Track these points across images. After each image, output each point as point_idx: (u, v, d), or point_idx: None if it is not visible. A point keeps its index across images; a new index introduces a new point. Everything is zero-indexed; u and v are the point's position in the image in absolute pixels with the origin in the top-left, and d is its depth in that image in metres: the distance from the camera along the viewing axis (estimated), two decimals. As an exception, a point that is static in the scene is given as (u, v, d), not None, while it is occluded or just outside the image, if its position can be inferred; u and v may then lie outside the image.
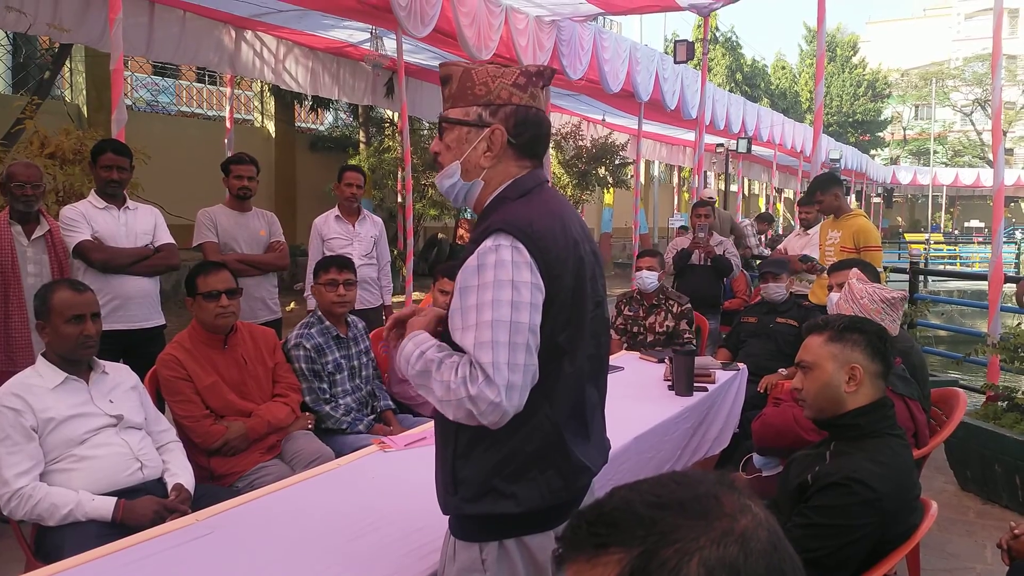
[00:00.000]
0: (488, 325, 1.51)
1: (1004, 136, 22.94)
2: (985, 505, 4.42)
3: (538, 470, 1.61)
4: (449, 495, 1.66)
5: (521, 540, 1.63)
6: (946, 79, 41.65)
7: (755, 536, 0.72)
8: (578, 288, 1.64)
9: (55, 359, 2.70)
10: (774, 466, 2.95)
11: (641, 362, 4.60)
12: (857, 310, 3.10)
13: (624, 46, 9.41)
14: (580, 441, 1.68)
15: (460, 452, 1.63)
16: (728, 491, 0.76)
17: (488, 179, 1.70)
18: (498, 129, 1.65)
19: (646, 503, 0.73)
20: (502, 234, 1.56)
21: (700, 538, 0.70)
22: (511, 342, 1.50)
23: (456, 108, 1.69)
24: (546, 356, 1.59)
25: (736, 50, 33.52)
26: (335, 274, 3.66)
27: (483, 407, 1.48)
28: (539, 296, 1.55)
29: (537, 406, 1.59)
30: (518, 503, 1.59)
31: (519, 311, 1.52)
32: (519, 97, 1.66)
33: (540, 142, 1.72)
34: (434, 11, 6.52)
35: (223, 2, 7.20)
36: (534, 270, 1.55)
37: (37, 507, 2.43)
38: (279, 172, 13.91)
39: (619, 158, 14.57)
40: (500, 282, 1.52)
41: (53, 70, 8.19)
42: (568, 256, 1.62)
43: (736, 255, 6.77)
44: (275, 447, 3.23)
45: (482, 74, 1.67)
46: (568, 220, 1.68)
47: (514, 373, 1.50)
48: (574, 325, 1.64)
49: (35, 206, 3.89)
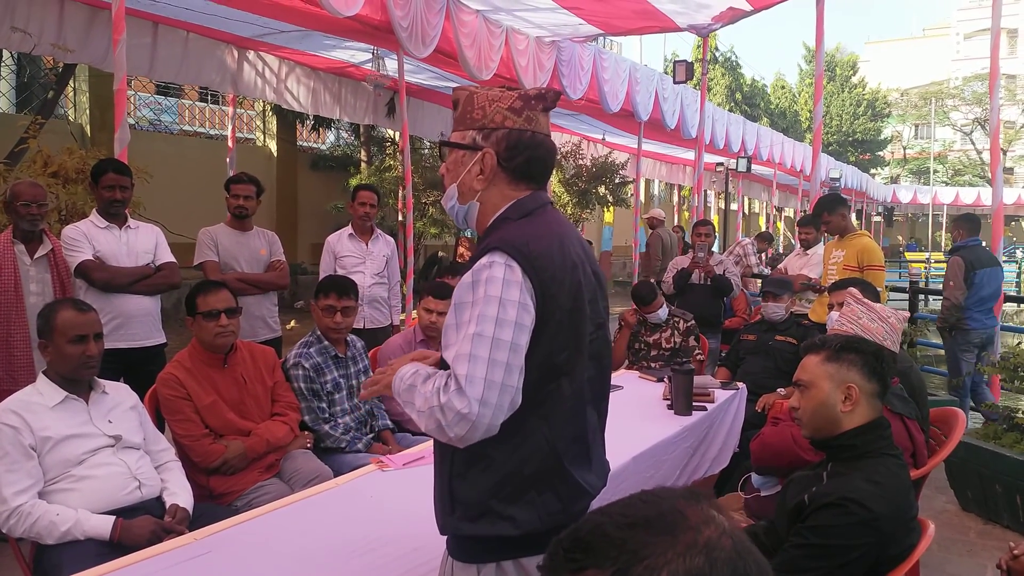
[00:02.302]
0: (469, 339, 1.51)
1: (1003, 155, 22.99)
2: (986, 525, 4.40)
3: (536, 492, 1.60)
4: (447, 515, 1.65)
5: (519, 562, 1.62)
6: (945, 98, 41.83)
7: (719, 545, 0.75)
8: (576, 309, 1.64)
9: (56, 378, 2.70)
10: (772, 485, 2.95)
11: (640, 381, 4.60)
12: (857, 329, 3.10)
13: (624, 66, 9.47)
14: (580, 465, 1.67)
15: (457, 471, 1.63)
16: (692, 504, 0.79)
17: (483, 201, 1.72)
18: (488, 153, 1.67)
19: (616, 524, 0.77)
20: (497, 252, 1.57)
21: (667, 552, 0.74)
22: (490, 358, 1.49)
23: (456, 132, 1.72)
24: (544, 377, 1.60)
25: (736, 70, 33.68)
26: (334, 300, 3.65)
27: (450, 417, 1.47)
28: (526, 316, 1.54)
29: (535, 427, 1.59)
30: (516, 525, 1.58)
31: (503, 328, 1.51)
32: (512, 121, 1.67)
33: (535, 164, 1.71)
34: (435, 32, 6.57)
35: (225, 22, 7.25)
36: (524, 290, 1.55)
37: (36, 525, 2.44)
38: (281, 191, 13.96)
39: (619, 177, 14.59)
40: (489, 298, 1.53)
41: (57, 90, 8.24)
42: (565, 277, 1.62)
43: (736, 274, 6.79)
44: (274, 466, 3.23)
45: (482, 98, 1.69)
46: (568, 242, 1.68)
47: (489, 390, 1.48)
48: (573, 346, 1.64)
49: (39, 225, 3.93)
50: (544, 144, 1.73)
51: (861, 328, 3.10)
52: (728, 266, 6.72)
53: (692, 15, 7.95)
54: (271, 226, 7.06)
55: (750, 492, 3.07)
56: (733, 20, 8.20)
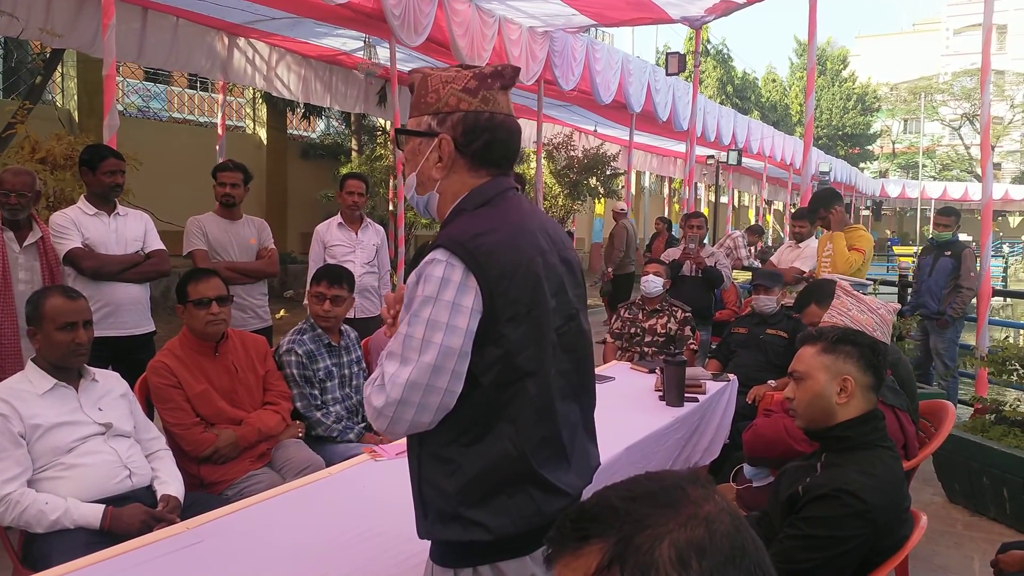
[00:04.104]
0: (400, 338, 1.49)
1: (992, 151, 23.19)
2: (973, 517, 4.44)
3: (507, 496, 1.53)
4: (421, 519, 1.60)
5: (496, 566, 1.55)
6: (935, 93, 42.07)
7: (719, 519, 0.79)
8: (537, 304, 1.54)
9: (45, 365, 2.68)
10: (764, 477, 2.96)
11: (632, 372, 4.61)
12: (847, 321, 3.11)
13: (616, 58, 9.47)
14: (554, 466, 1.58)
15: (425, 476, 1.57)
16: (693, 484, 0.84)
17: (443, 190, 1.63)
18: (444, 138, 1.58)
19: (620, 497, 0.82)
20: (439, 249, 1.50)
21: (669, 523, 0.78)
22: (418, 360, 1.46)
23: (412, 118, 1.64)
24: (505, 377, 1.52)
25: (727, 63, 33.74)
26: (324, 288, 3.63)
27: (369, 411, 1.52)
28: (460, 318, 1.47)
29: (501, 431, 1.52)
30: (488, 531, 1.52)
31: (434, 330, 1.46)
32: (468, 103, 1.58)
33: (496, 148, 1.61)
34: (427, 20, 6.55)
35: (216, 9, 7.20)
36: (464, 289, 1.47)
37: (24, 513, 2.42)
38: (271, 179, 13.90)
39: (610, 168, 14.61)
40: (425, 298, 1.48)
41: (45, 75, 8.16)
42: (518, 271, 1.52)
43: (727, 266, 6.80)
44: (265, 455, 3.21)
45: (435, 80, 1.59)
46: (529, 231, 1.59)
47: (411, 390, 1.46)
48: (535, 343, 1.54)
49: (21, 214, 3.84)
50: (504, 125, 1.61)
51: (851, 319, 3.10)
52: (719, 258, 6.73)
53: (685, 7, 7.95)
54: (261, 214, 7.01)
55: (742, 483, 3.09)
56: (726, 12, 8.21)
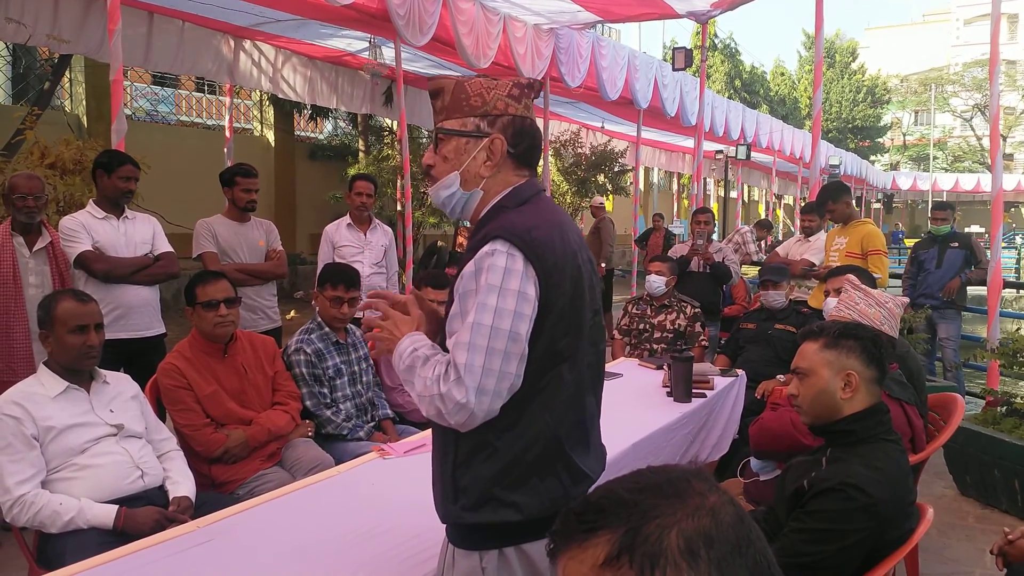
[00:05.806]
0: (469, 327, 1.53)
1: (1003, 141, 22.81)
2: (984, 510, 4.42)
3: (538, 478, 1.62)
4: (449, 504, 1.66)
5: (520, 548, 1.63)
6: (945, 84, 41.73)
7: (724, 510, 0.81)
8: (577, 296, 1.65)
9: (57, 368, 2.71)
10: (771, 470, 2.96)
11: (640, 368, 4.61)
12: (855, 315, 3.11)
13: (623, 53, 9.44)
14: (581, 450, 1.70)
15: (460, 460, 1.64)
16: (697, 476, 0.85)
17: (487, 188, 1.72)
18: (498, 138, 1.68)
19: (627, 489, 0.83)
20: (499, 240, 1.58)
21: (676, 513, 0.79)
22: (489, 346, 1.52)
23: (452, 120, 1.70)
24: (546, 364, 1.61)
25: (735, 57, 33.60)
26: (342, 292, 3.66)
27: (450, 406, 1.52)
28: (526, 305, 1.56)
29: (538, 415, 1.61)
30: (519, 511, 1.60)
31: (502, 317, 1.53)
32: (515, 108, 1.70)
33: (535, 152, 1.76)
34: (432, 20, 6.55)
35: (221, 12, 7.23)
36: (526, 278, 1.56)
37: (39, 514, 2.45)
38: (279, 181, 13.94)
39: (618, 165, 14.57)
40: (490, 287, 1.54)
41: (53, 81, 8.20)
42: (567, 264, 1.63)
43: (735, 262, 6.79)
44: (275, 455, 3.24)
45: (476, 86, 1.70)
46: (566, 229, 1.69)
47: (487, 377, 1.51)
48: (574, 332, 1.65)
49: (37, 218, 3.92)
50: (539, 132, 1.79)
51: (859, 314, 3.10)
52: (727, 254, 6.72)
53: (691, 1, 7.92)
54: (270, 216, 7.05)
55: (749, 477, 3.09)
56: (732, 6, 8.17)
